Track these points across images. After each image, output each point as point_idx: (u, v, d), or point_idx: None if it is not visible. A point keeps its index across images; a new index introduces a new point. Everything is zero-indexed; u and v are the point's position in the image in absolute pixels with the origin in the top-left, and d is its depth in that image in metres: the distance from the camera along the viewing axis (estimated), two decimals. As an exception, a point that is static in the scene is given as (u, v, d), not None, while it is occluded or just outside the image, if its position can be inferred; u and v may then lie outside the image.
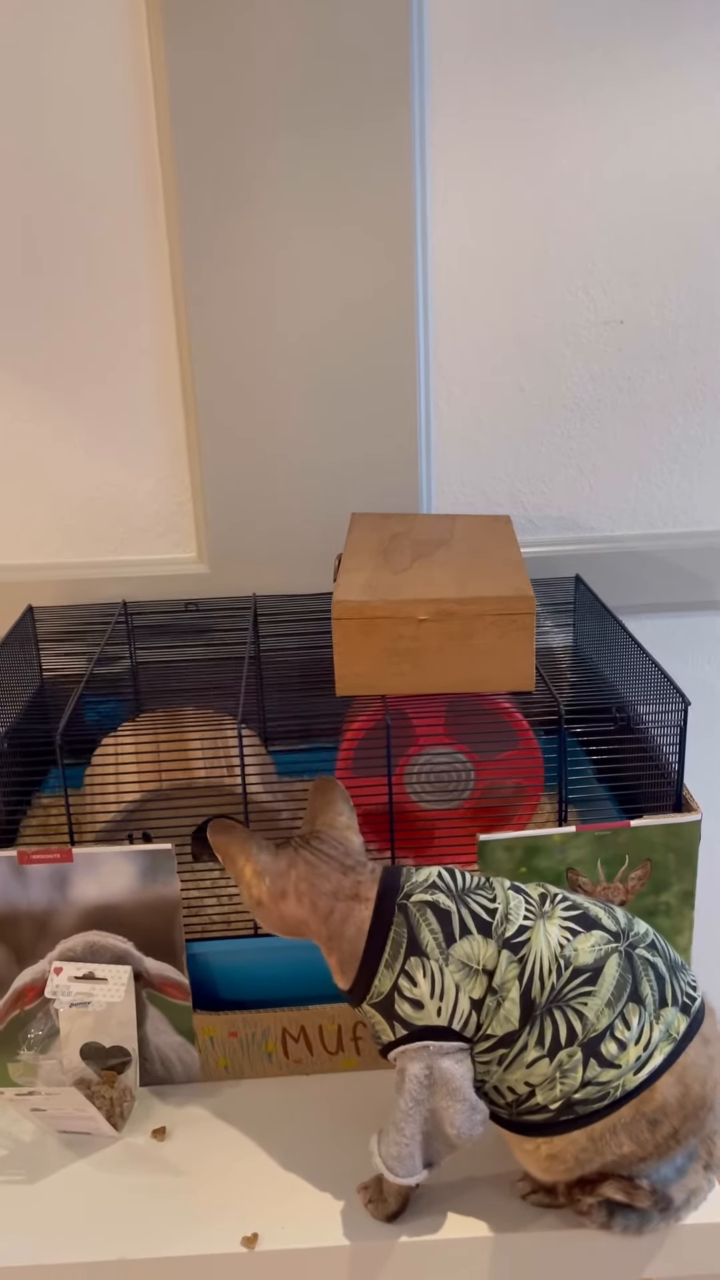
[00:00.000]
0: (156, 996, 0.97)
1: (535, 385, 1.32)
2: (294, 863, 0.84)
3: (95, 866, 0.93)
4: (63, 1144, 0.94)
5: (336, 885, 0.83)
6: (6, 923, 0.94)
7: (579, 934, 0.81)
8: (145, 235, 1.24)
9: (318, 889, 0.83)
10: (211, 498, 1.31)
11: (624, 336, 1.31)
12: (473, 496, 1.36)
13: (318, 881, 0.83)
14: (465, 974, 0.79)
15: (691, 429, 1.35)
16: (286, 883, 0.83)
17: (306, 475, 1.31)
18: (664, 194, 1.26)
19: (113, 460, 1.32)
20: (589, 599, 1.28)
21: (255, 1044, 0.99)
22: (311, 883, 0.83)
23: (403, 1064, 0.80)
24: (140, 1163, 0.92)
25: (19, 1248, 0.84)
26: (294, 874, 0.83)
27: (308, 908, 0.83)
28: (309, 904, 0.83)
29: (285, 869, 0.84)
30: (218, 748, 1.09)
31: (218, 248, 1.22)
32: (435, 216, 1.25)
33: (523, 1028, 0.78)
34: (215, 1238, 0.85)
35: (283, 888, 0.83)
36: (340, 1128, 0.94)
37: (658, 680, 1.02)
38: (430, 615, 0.93)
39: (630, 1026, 0.78)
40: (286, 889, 0.83)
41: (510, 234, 1.26)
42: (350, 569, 1.01)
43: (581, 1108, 0.78)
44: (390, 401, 1.28)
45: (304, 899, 0.83)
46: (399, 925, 0.81)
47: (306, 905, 0.83)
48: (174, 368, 1.29)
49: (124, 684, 1.32)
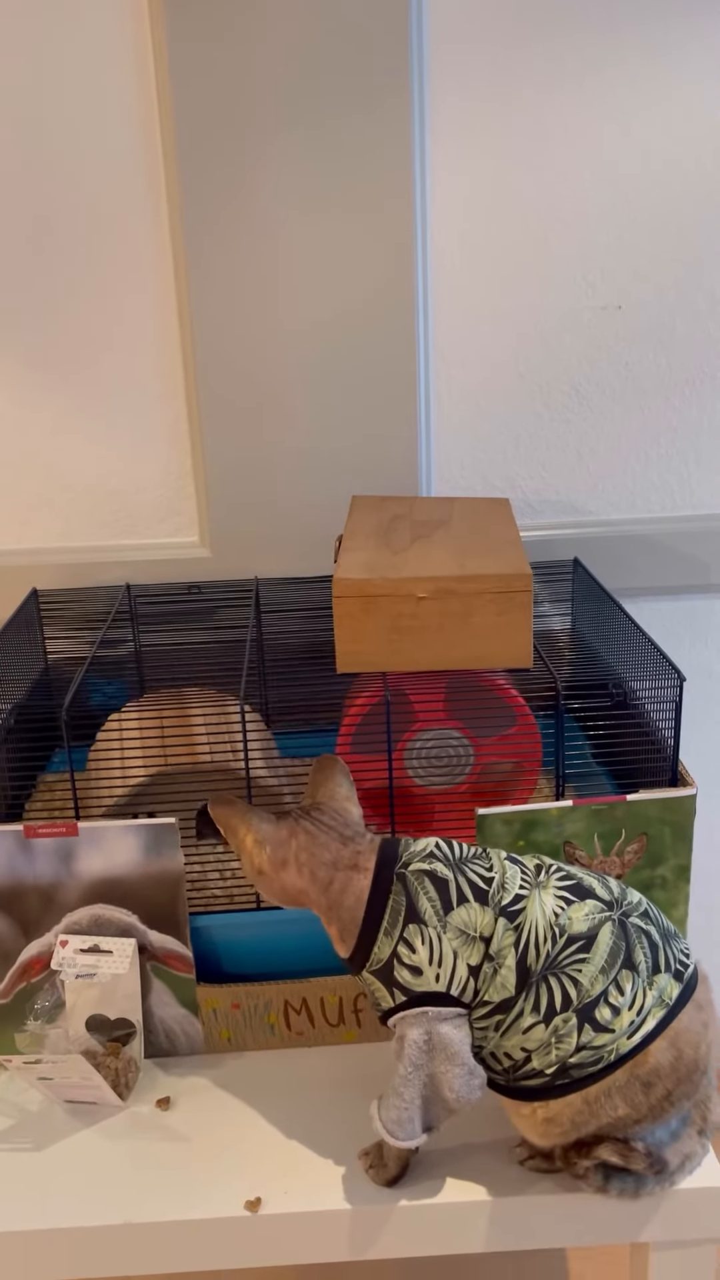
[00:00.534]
0: (160, 969, 0.99)
1: (534, 370, 1.33)
2: (294, 832, 0.85)
3: (100, 841, 0.95)
4: (69, 1114, 0.95)
5: (336, 855, 0.84)
6: (13, 896, 0.96)
7: (573, 903, 0.82)
8: (147, 222, 1.25)
9: (317, 858, 0.84)
10: (213, 482, 1.33)
11: (622, 322, 1.32)
12: (472, 480, 1.37)
13: (317, 851, 0.84)
14: (463, 941, 0.81)
15: (689, 414, 1.36)
16: (287, 852, 0.85)
17: (307, 460, 1.32)
18: (663, 179, 1.27)
19: (115, 445, 1.34)
20: (587, 582, 1.30)
21: (258, 1016, 1.01)
22: (311, 852, 0.84)
23: (402, 1030, 0.81)
24: (145, 1131, 0.94)
25: (28, 1212, 0.86)
26: (294, 843, 0.85)
27: (307, 877, 0.84)
28: (309, 873, 0.84)
29: (286, 838, 0.85)
30: (222, 729, 1.11)
31: (219, 236, 1.23)
32: (435, 203, 1.26)
33: (519, 994, 0.80)
34: (219, 1202, 0.86)
35: (283, 857, 0.84)
36: (341, 1097, 0.96)
37: (654, 658, 1.03)
38: (430, 593, 0.95)
39: (624, 992, 0.80)
40: (287, 858, 0.84)
41: (510, 220, 1.28)
42: (350, 549, 1.03)
43: (576, 1071, 0.79)
44: (390, 386, 1.30)
45: (304, 868, 0.84)
46: (397, 893, 0.82)
47: (306, 875, 0.84)
48: (175, 353, 1.30)
49: (128, 666, 1.34)
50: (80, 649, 1.32)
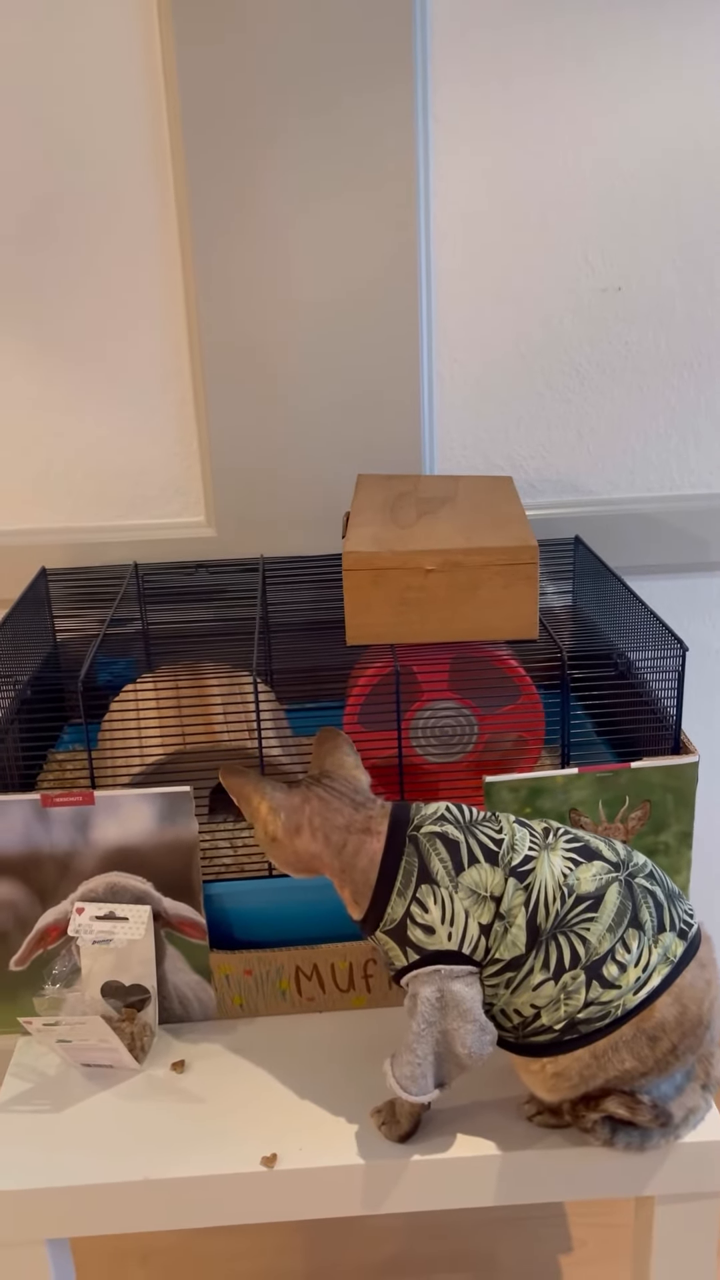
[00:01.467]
0: (175, 936, 1.01)
1: (535, 351, 1.35)
2: (307, 799, 0.87)
3: (116, 809, 0.97)
4: (86, 1077, 0.98)
5: (349, 820, 0.86)
6: (30, 865, 0.98)
7: (581, 864, 0.85)
8: (153, 205, 1.27)
9: (331, 823, 0.86)
10: (218, 462, 1.35)
11: (623, 303, 1.34)
12: (474, 459, 1.39)
13: (330, 816, 0.86)
14: (474, 900, 0.83)
15: (688, 393, 1.38)
16: (300, 818, 0.87)
17: (311, 439, 1.34)
18: (663, 162, 1.29)
19: (122, 425, 1.35)
20: (588, 560, 1.32)
21: (270, 982, 1.03)
22: (325, 817, 0.86)
23: (415, 988, 0.84)
24: (161, 1093, 0.96)
25: (52, 1170, 0.88)
26: (307, 809, 0.87)
27: (321, 841, 0.86)
28: (322, 838, 0.86)
29: (299, 804, 0.87)
30: (237, 706, 1.12)
31: (224, 218, 1.25)
32: (437, 185, 1.28)
33: (529, 952, 0.82)
34: (236, 1158, 0.89)
35: (297, 823, 0.87)
36: (351, 1060, 0.98)
37: (656, 630, 1.06)
38: (437, 566, 0.97)
39: (630, 950, 0.82)
40: (301, 824, 0.86)
41: (511, 202, 1.29)
42: (358, 524, 1.05)
43: (584, 1027, 0.82)
44: (394, 367, 1.31)
45: (317, 833, 0.86)
46: (410, 855, 0.85)
47: (320, 839, 0.86)
48: (181, 333, 1.32)
49: (136, 645, 1.35)
50: (89, 628, 1.34)
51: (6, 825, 0.97)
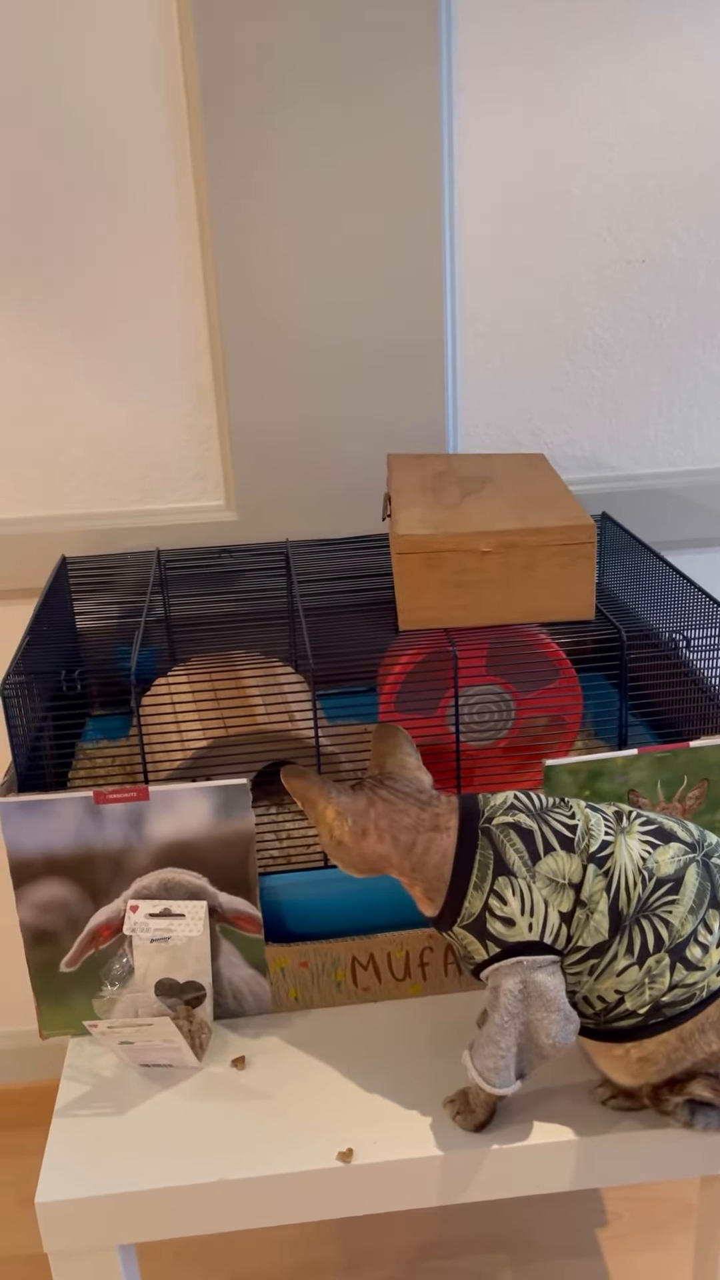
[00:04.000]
0: (229, 930, 0.99)
1: (559, 326, 1.33)
2: (372, 801, 0.86)
3: (171, 804, 0.94)
4: (144, 1077, 0.96)
5: (416, 819, 0.85)
6: (84, 864, 0.95)
7: (658, 846, 0.84)
8: (171, 180, 1.23)
9: (398, 824, 0.85)
10: (239, 444, 1.32)
11: (646, 275, 1.32)
12: (498, 437, 1.37)
13: (397, 817, 0.85)
14: (552, 889, 0.82)
15: (711, 366, 1.37)
16: (367, 821, 0.85)
17: (334, 419, 1.31)
18: (686, 132, 1.27)
19: (139, 407, 1.32)
20: (617, 536, 1.31)
21: (325, 973, 1.01)
22: (391, 819, 0.85)
23: (496, 981, 0.82)
24: (225, 1091, 0.94)
25: (120, 1176, 0.86)
26: (373, 812, 0.85)
27: (389, 843, 0.84)
28: (390, 839, 0.84)
29: (365, 808, 0.85)
30: (274, 694, 1.10)
31: (244, 196, 1.21)
32: (461, 159, 1.25)
33: (613, 938, 0.81)
34: (311, 1155, 0.87)
35: (364, 826, 0.85)
36: (414, 1049, 0.97)
37: (702, 607, 1.05)
38: (493, 547, 0.95)
39: (712, 930, 0.82)
40: (368, 827, 0.85)
41: (535, 174, 1.27)
42: (403, 505, 1.03)
43: (670, 1010, 0.81)
44: (418, 344, 1.29)
45: (385, 835, 0.84)
46: (484, 848, 0.83)
47: (388, 841, 0.84)
48: (200, 313, 1.28)
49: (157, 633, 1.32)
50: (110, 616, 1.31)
51: (58, 824, 0.94)
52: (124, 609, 1.30)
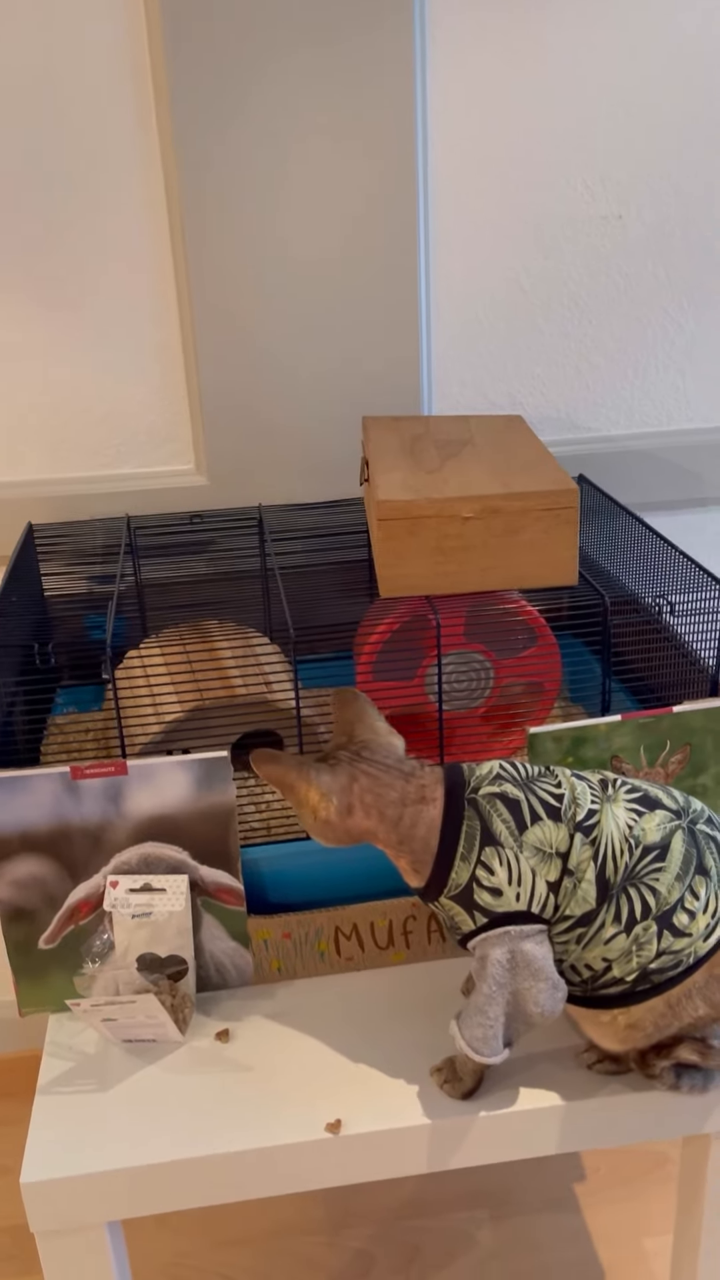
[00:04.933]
0: (211, 903, 0.97)
1: (535, 283, 1.31)
2: (354, 777, 0.84)
3: (150, 778, 0.92)
4: (128, 1053, 0.95)
5: (401, 792, 0.84)
6: (59, 839, 0.93)
7: (644, 814, 0.83)
8: (137, 133, 1.18)
9: (384, 799, 0.83)
10: (209, 406, 1.28)
11: (622, 232, 1.30)
12: (473, 398, 1.35)
13: (383, 792, 0.83)
14: (540, 859, 0.81)
15: (686, 324, 1.35)
16: (351, 798, 0.83)
17: (307, 380, 1.28)
18: (662, 87, 1.24)
19: (105, 369, 1.28)
20: (593, 499, 1.30)
21: (308, 944, 1.01)
22: (377, 794, 0.83)
23: (484, 950, 0.82)
24: (210, 1064, 0.93)
25: (108, 1153, 0.85)
26: (357, 788, 0.84)
27: (375, 818, 0.83)
28: (376, 814, 0.83)
29: (348, 784, 0.84)
30: (250, 662, 1.08)
31: (213, 150, 1.17)
32: (435, 115, 1.22)
33: (600, 906, 0.81)
34: (300, 1126, 0.87)
35: (349, 803, 0.83)
36: (398, 1017, 0.97)
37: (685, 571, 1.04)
38: (476, 512, 0.93)
39: (699, 897, 0.82)
40: (353, 804, 0.83)
41: (511, 130, 1.24)
42: (383, 470, 1.00)
43: (657, 976, 0.81)
44: (391, 302, 1.26)
45: (371, 811, 0.83)
46: (471, 819, 0.82)
47: (374, 816, 0.83)
48: (168, 271, 1.24)
49: (128, 602, 1.30)
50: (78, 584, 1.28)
51: (34, 801, 0.92)
52: (93, 577, 1.27)
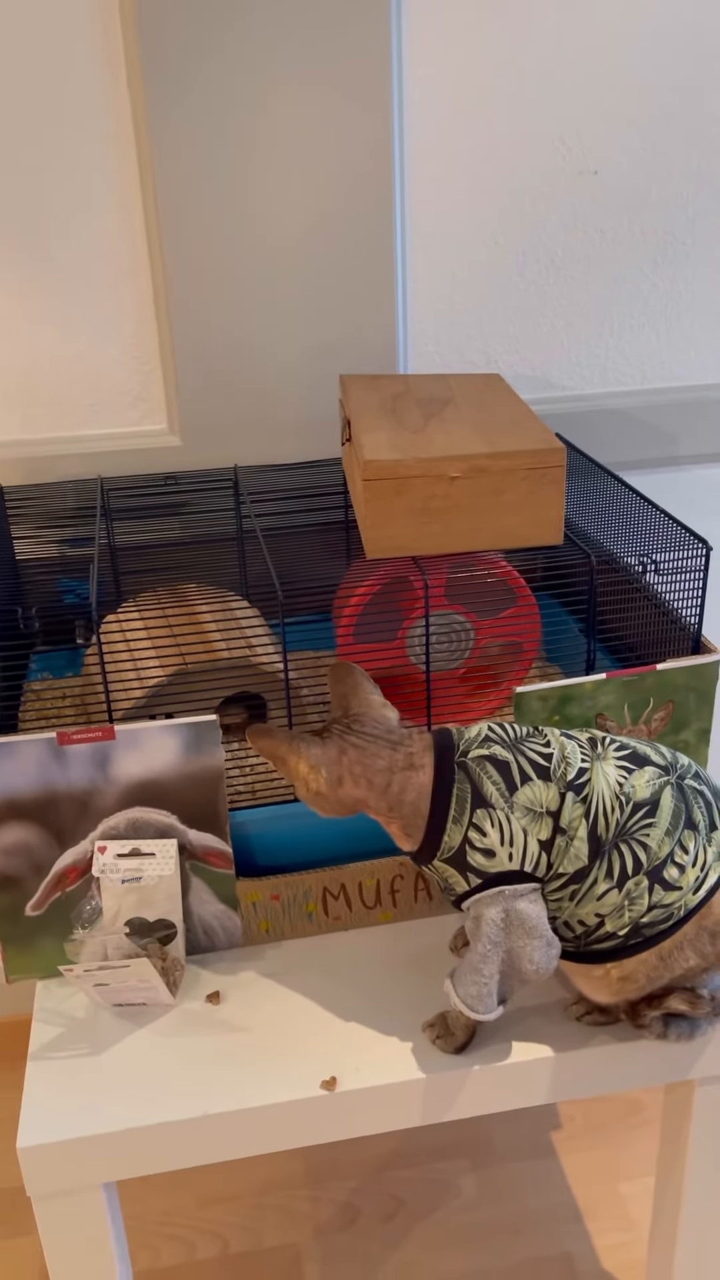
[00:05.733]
0: (199, 867, 0.97)
1: (510, 239, 1.29)
2: (344, 749, 0.84)
3: (138, 743, 0.92)
4: (119, 1017, 0.94)
5: (390, 761, 0.84)
6: (46, 806, 0.92)
7: (633, 771, 0.84)
8: (104, 83, 1.14)
9: (373, 768, 0.84)
10: (183, 366, 1.26)
11: (598, 187, 1.29)
12: (448, 356, 1.34)
13: (371, 762, 0.84)
14: (531, 818, 0.82)
15: (661, 282, 1.35)
16: (341, 769, 0.84)
17: (281, 339, 1.26)
18: (640, 40, 1.23)
19: (74, 326, 1.25)
20: (570, 458, 1.29)
21: (296, 905, 1.01)
22: (365, 764, 0.84)
23: (478, 910, 0.83)
24: (202, 1026, 0.93)
25: (104, 1116, 0.85)
26: (346, 760, 0.84)
27: (365, 787, 0.84)
28: (365, 784, 0.84)
29: (337, 756, 0.84)
30: (231, 625, 1.08)
31: (185, 102, 1.14)
32: (411, 69, 1.19)
33: (592, 863, 0.82)
34: (294, 1085, 0.87)
35: (338, 774, 0.84)
36: (387, 974, 0.98)
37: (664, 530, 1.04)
38: (462, 472, 0.93)
39: (688, 851, 0.83)
40: (342, 775, 0.84)
41: (487, 86, 1.22)
42: (366, 429, 0.99)
43: (649, 930, 0.83)
44: (367, 261, 1.24)
45: (360, 780, 0.84)
46: (461, 782, 0.83)
47: (364, 785, 0.84)
48: (138, 225, 1.21)
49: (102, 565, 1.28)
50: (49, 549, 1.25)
51: (20, 767, 0.91)
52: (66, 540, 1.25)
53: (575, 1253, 1.31)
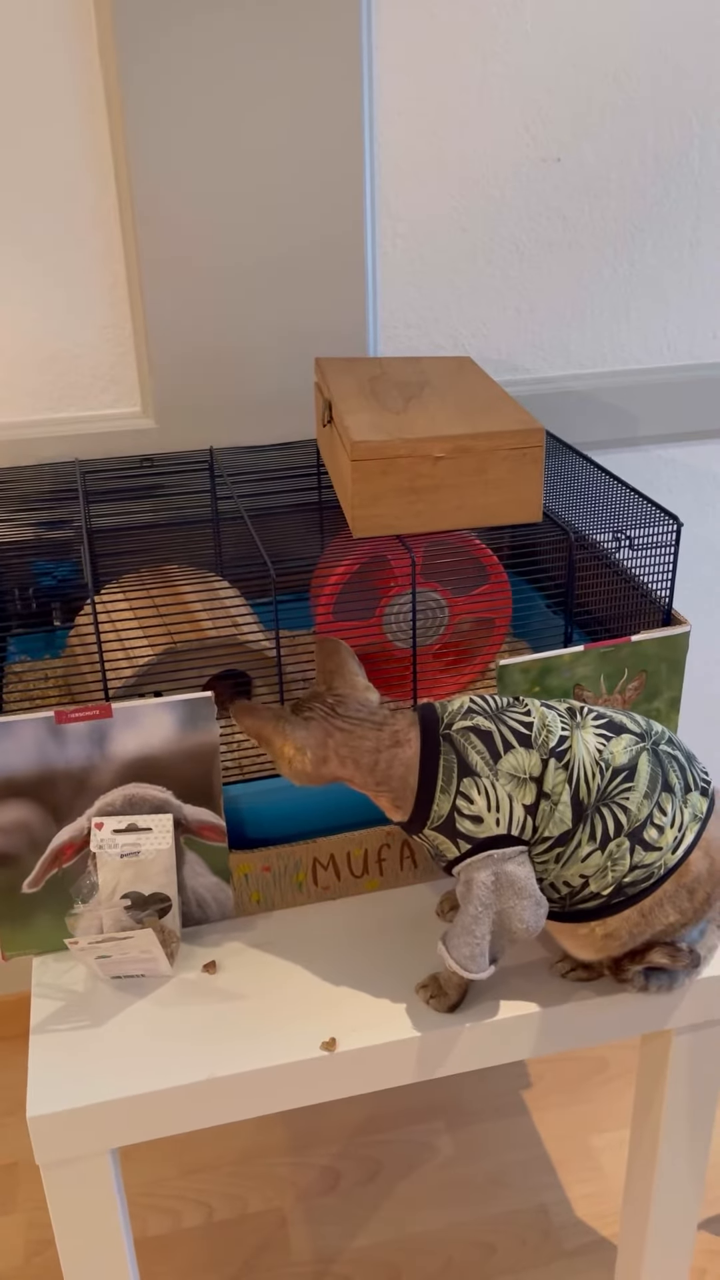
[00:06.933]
0: (194, 841, 1.00)
1: (477, 225, 1.32)
2: (329, 732, 0.87)
3: (134, 720, 0.94)
4: (118, 989, 0.97)
5: (375, 742, 0.87)
6: (44, 784, 0.94)
7: (611, 738, 0.89)
8: (78, 61, 1.15)
9: (359, 749, 0.87)
10: (156, 348, 1.27)
11: (561, 175, 1.32)
12: (416, 340, 1.37)
13: (357, 744, 0.87)
14: (515, 784, 0.86)
15: (621, 267, 1.39)
16: (326, 750, 0.87)
17: (254, 322, 1.28)
18: (604, 29, 1.26)
19: (46, 307, 1.25)
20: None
21: (287, 875, 1.04)
22: (352, 746, 0.87)
23: (469, 874, 0.86)
24: (200, 995, 0.96)
25: (110, 1084, 0.88)
26: (331, 742, 0.87)
27: (351, 767, 0.87)
28: (352, 764, 0.87)
29: (322, 739, 0.87)
30: (216, 605, 1.10)
31: (159, 84, 1.15)
32: (382, 58, 1.21)
33: (576, 826, 0.86)
34: (295, 1047, 0.90)
35: (324, 756, 0.87)
36: (378, 940, 1.01)
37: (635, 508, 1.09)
38: (447, 452, 0.96)
39: (665, 813, 0.87)
40: (328, 755, 0.87)
41: (456, 70, 1.24)
42: (350, 411, 1.02)
43: (631, 889, 0.87)
44: (338, 245, 1.26)
45: (346, 761, 0.87)
46: (447, 753, 0.86)
47: (350, 765, 0.87)
48: (113, 209, 1.22)
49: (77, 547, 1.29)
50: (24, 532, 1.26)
51: (16, 746, 0.92)
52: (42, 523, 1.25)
53: (550, 1203, 1.36)
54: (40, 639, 1.29)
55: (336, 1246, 1.32)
